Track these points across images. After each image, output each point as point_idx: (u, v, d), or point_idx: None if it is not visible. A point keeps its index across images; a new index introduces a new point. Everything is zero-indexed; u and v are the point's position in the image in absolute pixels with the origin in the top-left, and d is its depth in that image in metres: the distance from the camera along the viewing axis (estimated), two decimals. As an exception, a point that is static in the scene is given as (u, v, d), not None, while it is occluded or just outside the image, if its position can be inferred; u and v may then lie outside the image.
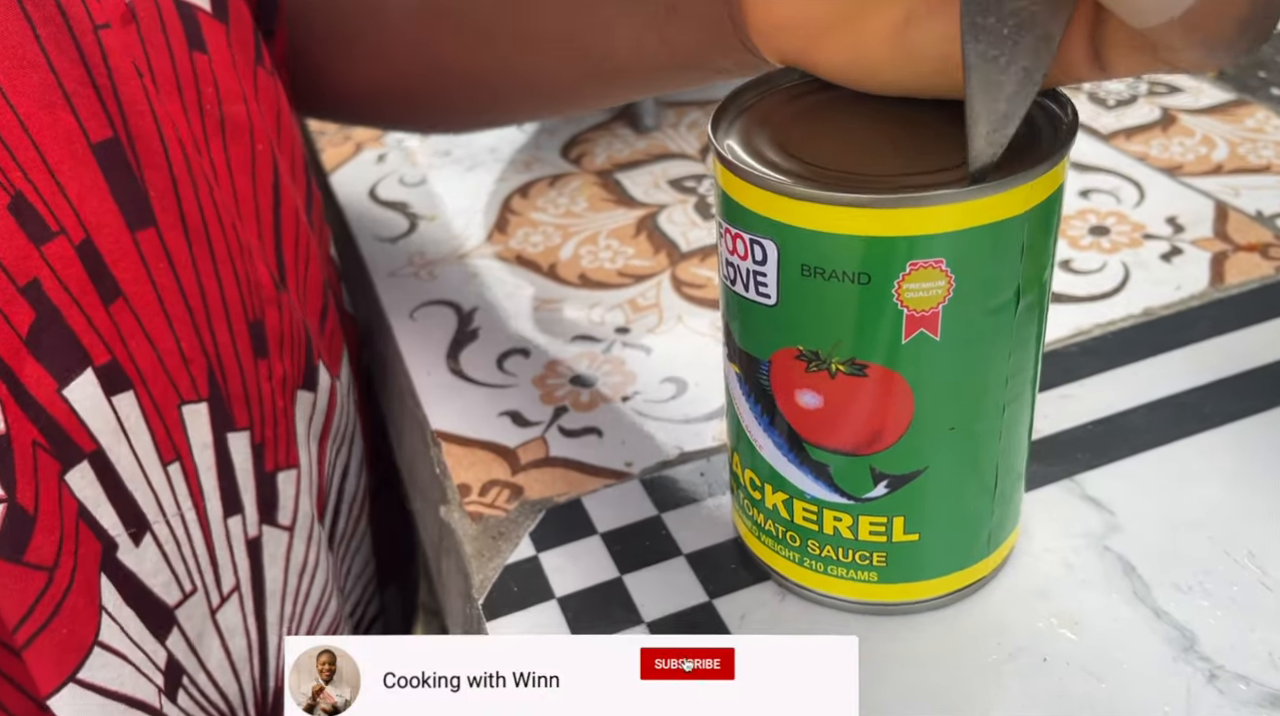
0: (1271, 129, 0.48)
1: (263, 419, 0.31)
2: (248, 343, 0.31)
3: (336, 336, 0.38)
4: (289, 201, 0.34)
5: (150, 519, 0.28)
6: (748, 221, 0.23)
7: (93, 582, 0.26)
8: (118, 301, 0.27)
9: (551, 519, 0.32)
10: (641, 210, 0.47)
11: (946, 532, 0.26)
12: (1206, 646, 0.26)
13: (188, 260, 0.29)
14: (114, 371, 0.27)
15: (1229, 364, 0.35)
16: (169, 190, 0.28)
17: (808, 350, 0.24)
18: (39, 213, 0.25)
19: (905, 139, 0.24)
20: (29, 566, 0.24)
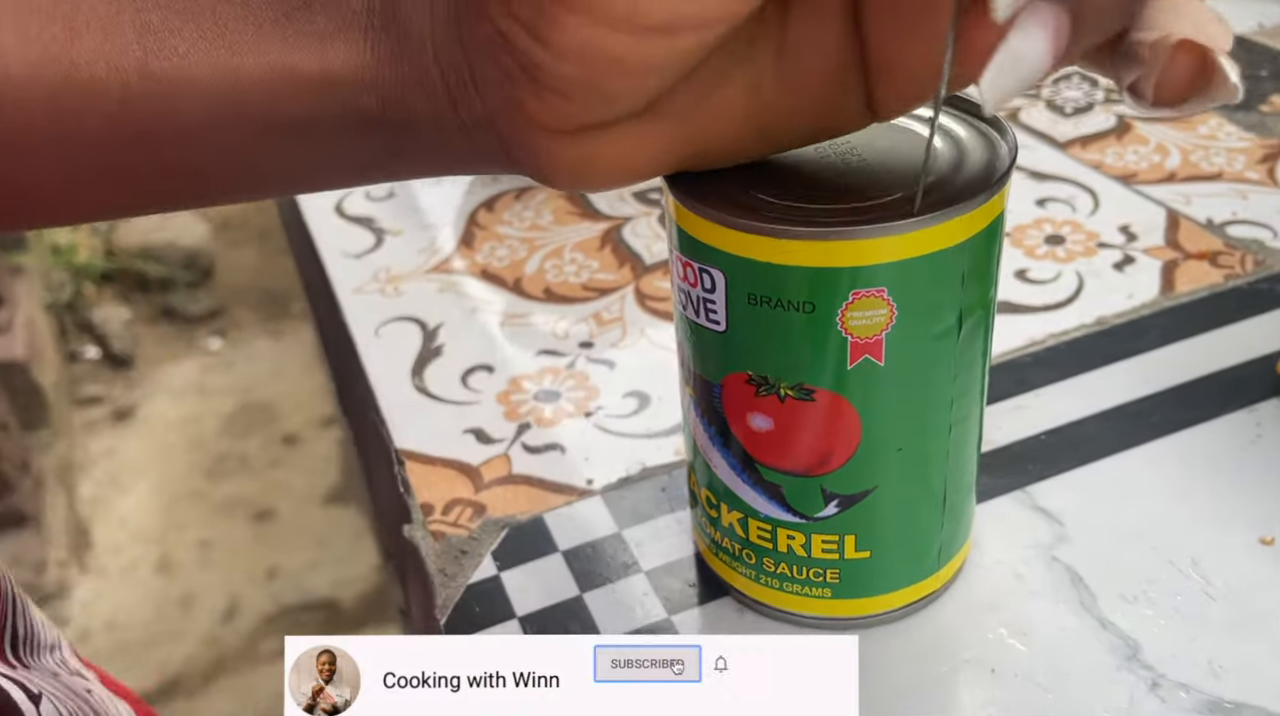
0: (1224, 136, 0.49)
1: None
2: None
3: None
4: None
5: None
6: (698, 251, 0.24)
7: None
8: None
9: (513, 537, 0.32)
10: (606, 223, 0.48)
11: (897, 549, 0.27)
12: (1149, 655, 0.27)
13: None
14: None
15: (1177, 373, 0.36)
16: None
17: (757, 375, 0.24)
18: None
19: (850, 171, 0.24)
20: None
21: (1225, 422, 0.33)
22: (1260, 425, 0.33)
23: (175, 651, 1.26)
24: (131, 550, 1.39)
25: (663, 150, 0.22)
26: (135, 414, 1.63)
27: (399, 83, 0.21)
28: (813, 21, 0.21)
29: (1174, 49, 0.18)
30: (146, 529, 1.42)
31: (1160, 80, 0.19)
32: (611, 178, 0.22)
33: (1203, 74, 0.18)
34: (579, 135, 0.20)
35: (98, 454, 1.55)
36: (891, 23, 0.21)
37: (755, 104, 0.22)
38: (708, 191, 0.24)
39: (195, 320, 1.81)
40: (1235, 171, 0.47)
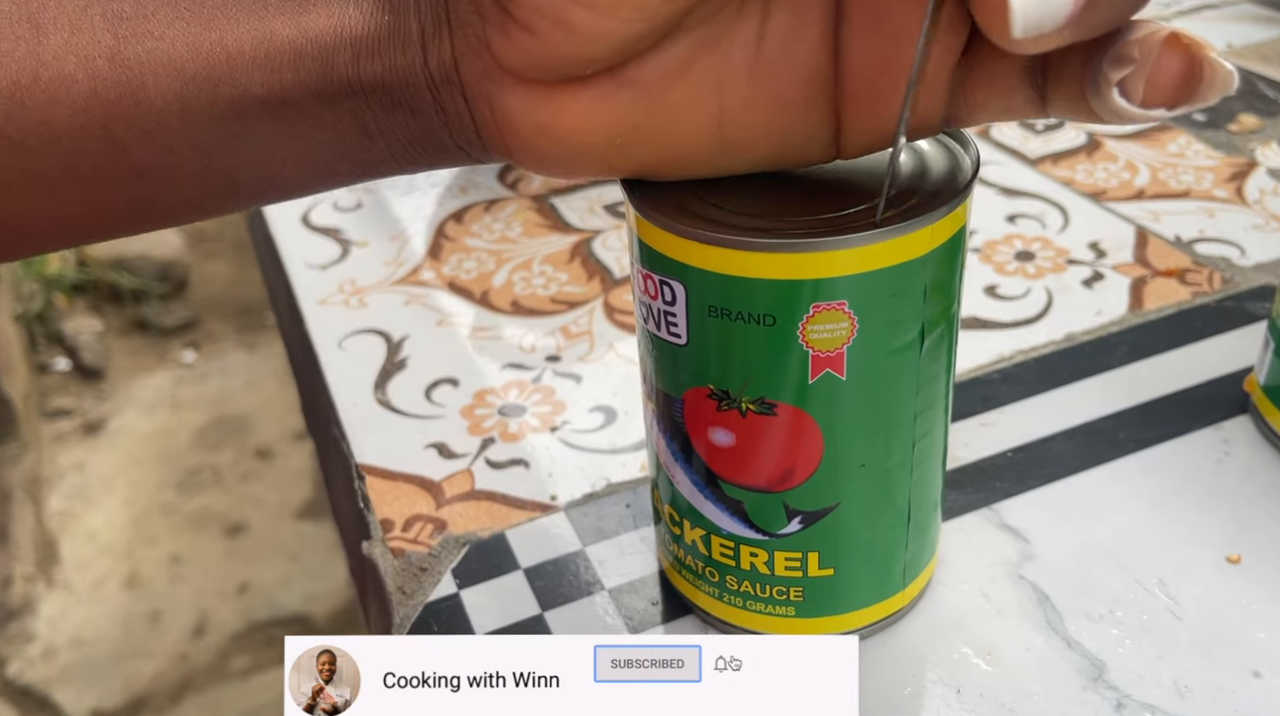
0: (1191, 154, 0.50)
1: None
2: None
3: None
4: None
5: None
6: (657, 263, 0.23)
7: None
8: None
9: (475, 554, 0.32)
10: (576, 235, 0.47)
11: (862, 567, 0.27)
12: (1115, 675, 0.26)
13: None
14: None
15: (1145, 389, 0.35)
16: None
17: (718, 389, 0.24)
18: None
19: (811, 182, 0.24)
20: None
21: (1193, 440, 0.33)
22: (1228, 442, 0.33)
23: (143, 668, 1.24)
24: (100, 565, 1.37)
25: (622, 133, 0.21)
26: (106, 427, 1.60)
27: (376, 34, 0.21)
28: (792, 22, 0.21)
29: (1162, 44, 0.18)
30: (115, 543, 1.40)
31: (1151, 76, 0.18)
32: (568, 154, 0.22)
33: (1192, 68, 0.18)
34: (541, 92, 0.21)
35: (67, 467, 1.53)
36: (870, 38, 0.20)
37: (720, 108, 0.22)
38: (668, 203, 0.24)
39: (169, 332, 1.79)
40: (1203, 189, 0.47)
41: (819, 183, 0.24)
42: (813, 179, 0.24)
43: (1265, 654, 0.27)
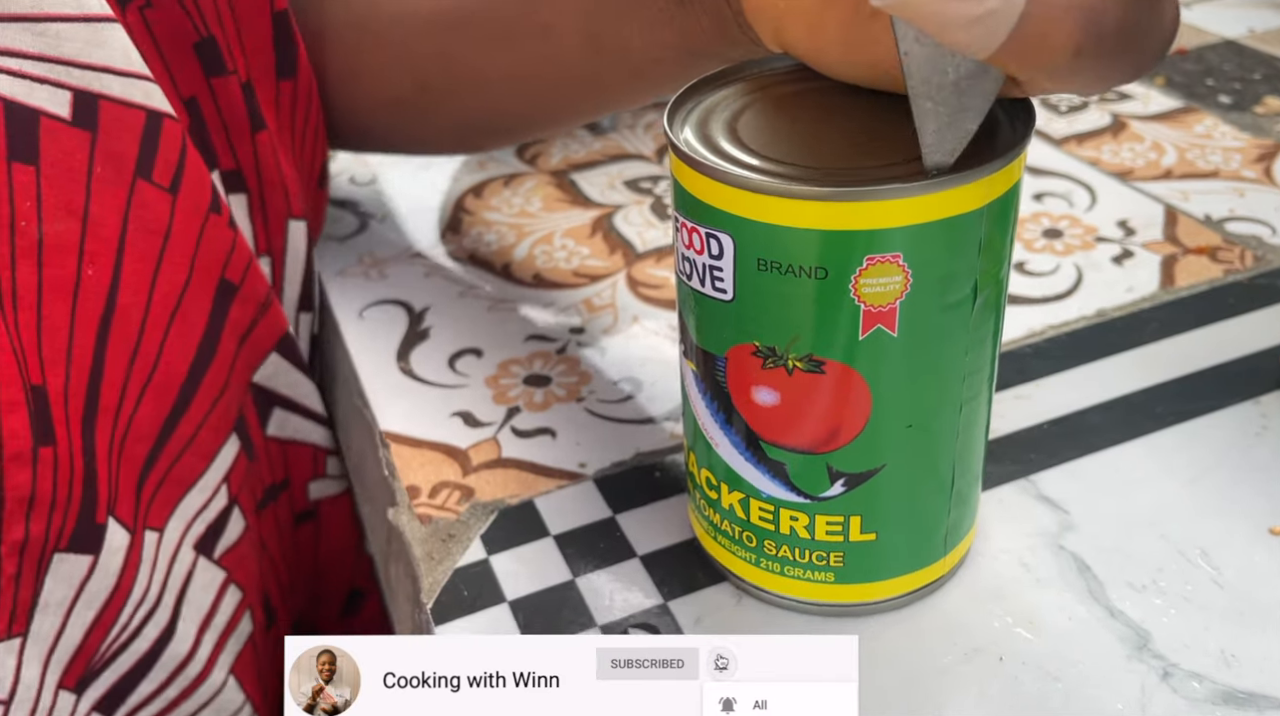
0: (1218, 135, 0.49)
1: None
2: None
3: (180, 485, 0.33)
4: (128, 330, 0.30)
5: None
6: (704, 215, 0.23)
7: None
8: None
9: (503, 521, 0.31)
10: (597, 210, 0.47)
11: (903, 532, 0.26)
12: (1160, 645, 0.26)
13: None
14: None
15: (1179, 364, 0.35)
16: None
17: (764, 346, 0.24)
18: None
19: (862, 133, 0.24)
20: None
21: (1230, 414, 0.33)
22: (1266, 417, 0.33)
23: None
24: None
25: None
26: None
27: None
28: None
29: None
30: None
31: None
32: (757, 7, 0.26)
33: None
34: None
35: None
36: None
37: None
38: (715, 152, 0.23)
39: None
40: (1231, 170, 0.46)
41: (871, 131, 0.24)
42: (865, 128, 0.24)
43: (1312, 624, 0.26)
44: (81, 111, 0.28)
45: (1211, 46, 0.58)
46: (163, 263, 0.31)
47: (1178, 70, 0.55)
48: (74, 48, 0.28)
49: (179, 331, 0.32)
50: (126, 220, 0.29)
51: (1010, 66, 0.19)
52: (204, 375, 0.33)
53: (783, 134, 0.24)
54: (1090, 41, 0.18)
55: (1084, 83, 0.20)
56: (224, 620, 0.35)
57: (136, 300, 0.30)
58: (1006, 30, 0.18)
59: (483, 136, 0.41)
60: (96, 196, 0.29)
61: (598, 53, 0.32)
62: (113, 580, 0.30)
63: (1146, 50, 0.19)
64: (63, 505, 0.28)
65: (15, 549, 0.27)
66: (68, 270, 0.28)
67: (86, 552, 0.29)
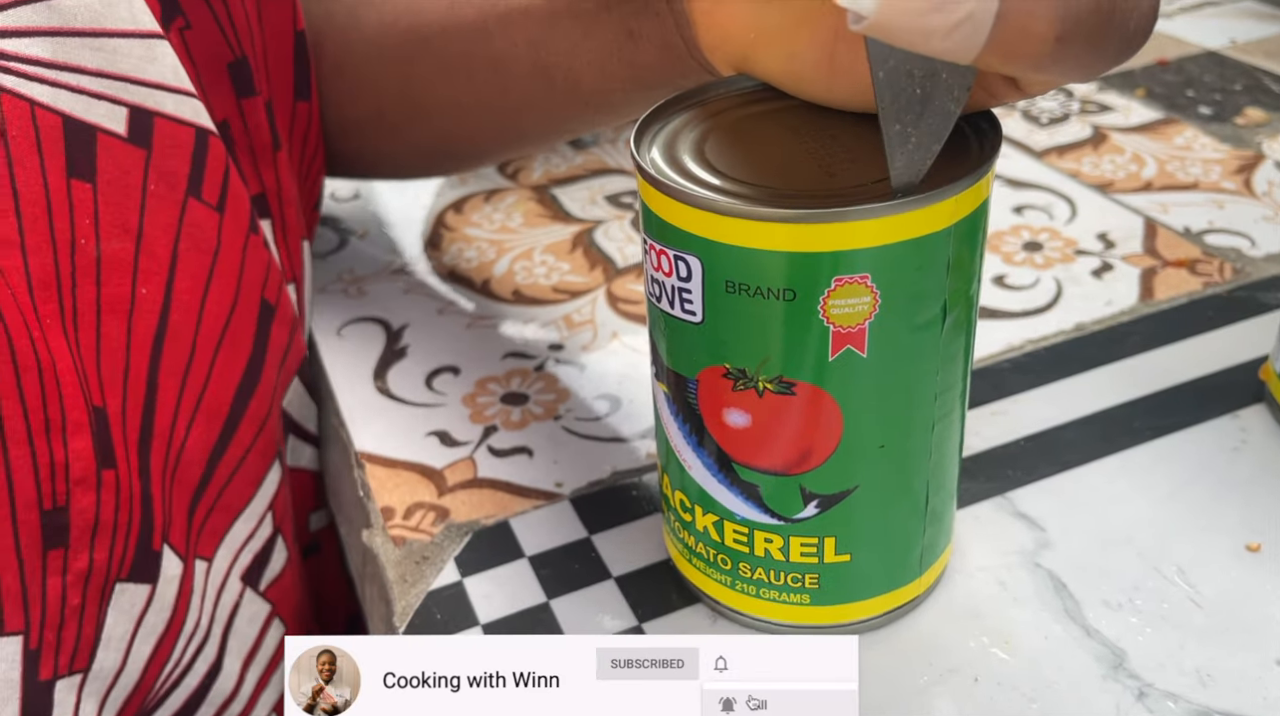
0: (1198, 147, 0.49)
1: (44, 621, 0.26)
2: (36, 533, 0.25)
3: (228, 512, 0.32)
4: (179, 351, 0.29)
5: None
6: (672, 237, 0.23)
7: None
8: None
9: (478, 542, 0.31)
10: (578, 226, 0.47)
11: (878, 553, 0.26)
12: (1135, 664, 0.26)
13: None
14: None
15: (1157, 379, 0.35)
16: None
17: (735, 368, 0.23)
18: None
19: (829, 153, 0.24)
20: None
21: (1209, 428, 0.33)
22: (1244, 431, 0.33)
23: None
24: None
25: (758, 30, 0.25)
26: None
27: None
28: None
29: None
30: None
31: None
32: (719, 41, 0.27)
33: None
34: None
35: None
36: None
37: (835, 31, 0.24)
38: (682, 174, 0.23)
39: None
40: (1211, 181, 0.46)
41: (838, 152, 0.23)
42: (831, 148, 0.24)
43: (1289, 642, 0.26)
44: (137, 128, 0.28)
45: (1193, 57, 0.58)
46: (212, 282, 0.30)
47: (1158, 81, 0.56)
48: (130, 64, 0.28)
49: (227, 353, 0.31)
50: (178, 238, 0.29)
51: (996, 64, 0.19)
52: (250, 399, 0.32)
53: (749, 155, 0.24)
54: (1070, 25, 0.18)
55: (1073, 70, 0.20)
56: (268, 655, 0.34)
57: (187, 319, 0.30)
58: (987, 30, 0.18)
59: (443, 162, 0.41)
60: (150, 214, 0.28)
61: (549, 84, 0.32)
62: (168, 612, 0.29)
63: (1129, 26, 0.19)
64: (124, 531, 0.27)
65: (80, 578, 0.26)
66: (124, 289, 0.28)
67: (145, 582, 0.28)
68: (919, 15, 0.17)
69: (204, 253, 0.30)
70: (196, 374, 0.30)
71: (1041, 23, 0.18)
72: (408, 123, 0.38)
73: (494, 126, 0.36)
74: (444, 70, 0.35)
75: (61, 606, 0.26)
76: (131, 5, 0.28)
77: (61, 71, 0.26)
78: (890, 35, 0.18)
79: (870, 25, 0.17)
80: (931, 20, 0.17)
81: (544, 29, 0.31)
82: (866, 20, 0.17)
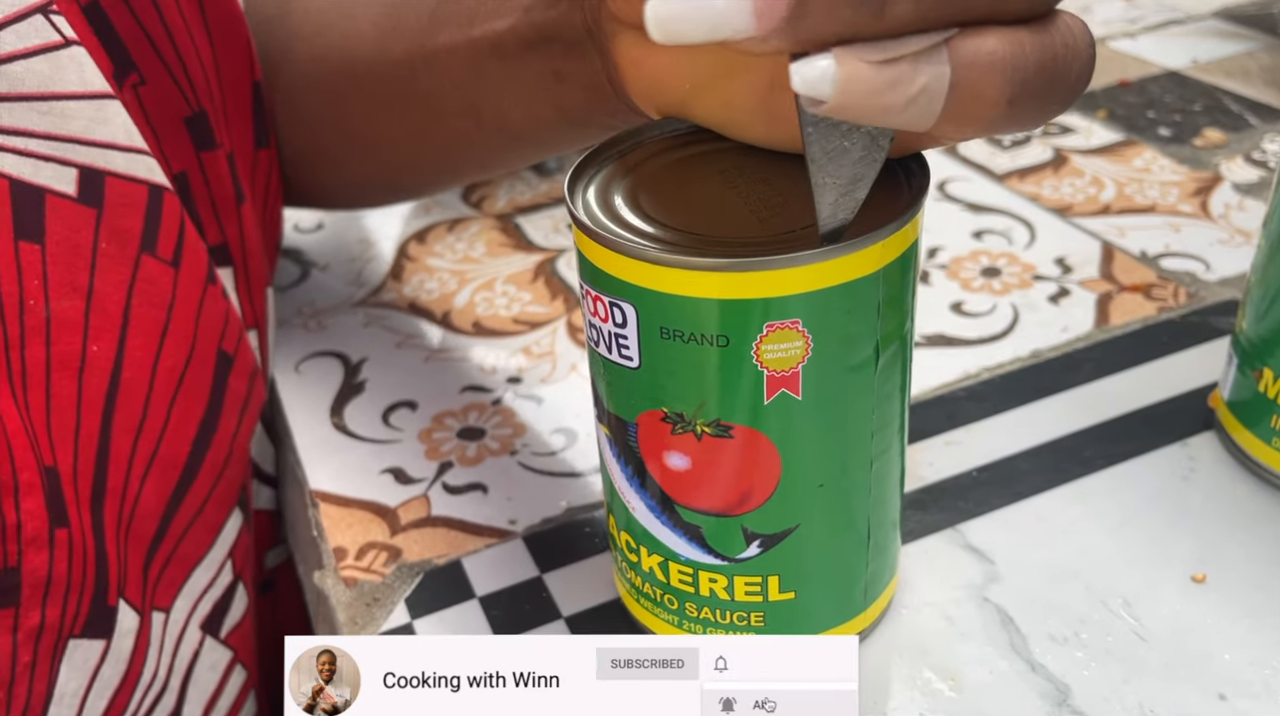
0: (1157, 169, 0.50)
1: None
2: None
3: (186, 562, 0.32)
4: (133, 407, 0.29)
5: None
6: (606, 284, 0.23)
7: None
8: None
9: (429, 583, 0.31)
10: (540, 255, 0.47)
11: (822, 589, 0.26)
12: (1080, 700, 0.26)
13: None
14: None
15: (1111, 406, 0.35)
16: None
17: (673, 412, 0.23)
18: None
19: (761, 198, 0.24)
20: None
21: (1159, 457, 0.33)
22: (1193, 459, 0.33)
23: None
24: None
25: (693, 80, 0.25)
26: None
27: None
28: None
29: None
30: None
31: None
32: (652, 89, 0.27)
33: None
34: (638, 34, 0.26)
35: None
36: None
37: (771, 78, 0.24)
38: (616, 222, 0.23)
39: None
40: (1169, 204, 0.47)
41: (771, 197, 0.24)
42: (765, 193, 0.24)
43: (1231, 676, 0.26)
44: (87, 188, 0.28)
45: (1154, 78, 0.58)
46: (166, 337, 0.30)
47: (1120, 103, 0.56)
48: (79, 125, 0.28)
49: (182, 406, 0.31)
50: (130, 295, 0.29)
51: (950, 132, 0.19)
52: (207, 449, 0.32)
53: (683, 200, 0.24)
54: (1018, 87, 0.19)
55: (1020, 125, 0.20)
56: (229, 702, 0.34)
57: (140, 375, 0.30)
58: (941, 101, 0.18)
59: (386, 194, 0.42)
60: (101, 272, 0.28)
61: (478, 122, 0.33)
62: (124, 665, 0.29)
63: (1071, 77, 0.20)
64: (77, 588, 0.27)
65: (31, 636, 0.26)
66: (74, 347, 0.28)
67: (99, 637, 0.28)
68: (875, 95, 0.18)
69: (158, 307, 0.30)
70: (151, 427, 0.30)
71: (993, 89, 0.19)
72: (346, 157, 0.38)
73: (429, 161, 0.36)
74: (377, 107, 0.35)
75: (12, 664, 0.26)
76: (81, 68, 0.28)
77: (9, 136, 0.26)
78: (848, 116, 0.18)
79: (830, 109, 0.18)
80: (888, 98, 0.18)
81: (469, 69, 0.32)
82: (825, 105, 0.18)
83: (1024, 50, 0.19)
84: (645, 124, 0.27)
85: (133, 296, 0.29)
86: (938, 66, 0.18)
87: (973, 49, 0.18)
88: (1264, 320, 0.30)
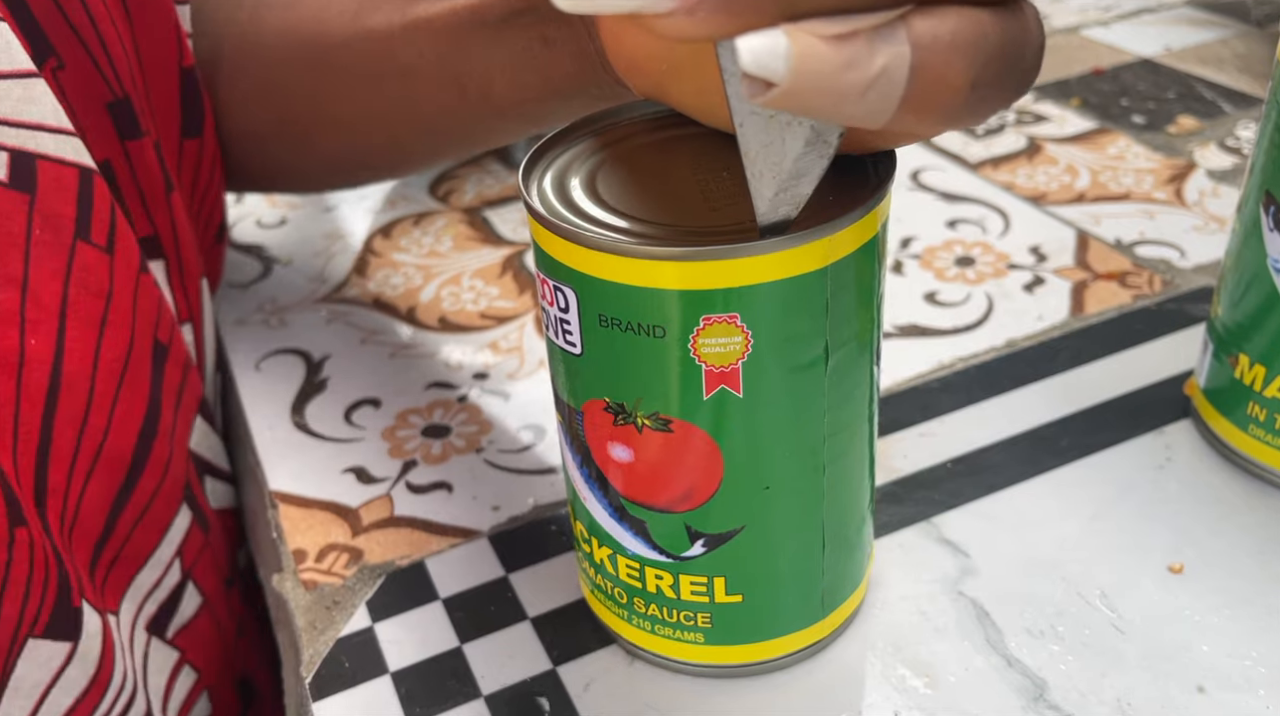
0: (1131, 157, 0.49)
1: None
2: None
3: (132, 562, 0.32)
4: (76, 399, 0.28)
5: None
6: (550, 268, 0.22)
7: None
8: None
9: (391, 585, 0.30)
10: (508, 249, 0.46)
11: (773, 594, 0.25)
12: (1056, 694, 0.25)
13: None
14: None
15: (1086, 395, 0.35)
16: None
17: (614, 402, 0.23)
18: None
19: (718, 187, 0.23)
20: None
21: (1135, 446, 0.32)
22: (1169, 448, 0.32)
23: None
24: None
25: (668, 61, 0.24)
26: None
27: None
28: None
29: None
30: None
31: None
32: (632, 66, 0.25)
33: None
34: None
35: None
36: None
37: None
38: (567, 205, 0.22)
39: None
40: (1143, 191, 0.46)
41: (729, 185, 0.23)
42: (722, 182, 0.23)
43: (1209, 667, 0.26)
44: (19, 172, 0.27)
45: (1128, 66, 0.58)
46: (106, 327, 0.29)
47: (1093, 90, 0.56)
48: (8, 105, 0.26)
49: (125, 400, 0.30)
50: (68, 285, 0.28)
51: (910, 123, 0.18)
52: (152, 444, 0.31)
53: (638, 187, 0.23)
54: (980, 70, 0.18)
55: (976, 116, 0.19)
56: (178, 703, 0.33)
57: (82, 369, 0.28)
58: (901, 87, 0.17)
59: (357, 173, 0.39)
60: (36, 261, 0.27)
61: (460, 95, 0.31)
62: (93, 667, 0.28)
63: (1026, 62, 0.19)
64: (39, 587, 0.26)
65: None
66: (11, 342, 0.26)
67: (64, 639, 0.27)
68: (831, 76, 0.16)
69: (96, 296, 0.29)
70: (95, 422, 0.29)
71: (956, 73, 0.17)
72: (317, 132, 0.36)
73: (407, 137, 0.35)
74: (353, 80, 0.33)
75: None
76: (9, 45, 0.27)
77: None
78: (802, 102, 0.16)
79: (780, 95, 0.16)
80: (845, 79, 0.16)
81: (451, 39, 0.30)
82: (777, 89, 0.16)
83: (985, 30, 0.17)
84: (616, 107, 0.26)
85: (69, 286, 0.28)
86: (897, 46, 0.16)
87: (932, 28, 0.17)
88: (1239, 306, 0.30)
